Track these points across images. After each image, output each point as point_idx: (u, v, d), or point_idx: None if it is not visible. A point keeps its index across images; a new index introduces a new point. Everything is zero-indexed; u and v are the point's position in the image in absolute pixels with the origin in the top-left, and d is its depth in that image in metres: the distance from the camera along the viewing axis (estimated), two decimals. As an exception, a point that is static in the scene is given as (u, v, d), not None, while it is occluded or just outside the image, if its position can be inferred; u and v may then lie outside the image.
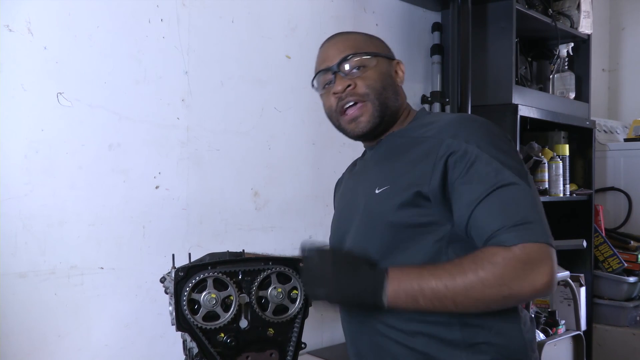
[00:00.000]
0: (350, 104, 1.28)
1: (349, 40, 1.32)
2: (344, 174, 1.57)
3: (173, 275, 1.14)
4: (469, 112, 2.37)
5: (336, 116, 1.31)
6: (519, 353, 1.20)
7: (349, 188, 1.45)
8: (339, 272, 1.12)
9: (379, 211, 1.24)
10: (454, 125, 1.22)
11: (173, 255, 1.35)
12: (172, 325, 1.14)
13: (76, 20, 1.54)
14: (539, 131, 2.83)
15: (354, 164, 1.53)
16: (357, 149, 1.58)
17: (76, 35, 1.54)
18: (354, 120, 1.29)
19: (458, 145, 1.17)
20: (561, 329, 2.49)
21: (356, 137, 1.35)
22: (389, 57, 1.34)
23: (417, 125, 1.32)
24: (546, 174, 2.63)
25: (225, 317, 1.13)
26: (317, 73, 1.33)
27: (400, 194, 1.21)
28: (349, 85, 1.27)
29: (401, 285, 1.10)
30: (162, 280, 1.38)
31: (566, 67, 2.88)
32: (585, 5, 2.81)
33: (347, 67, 1.28)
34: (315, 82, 1.35)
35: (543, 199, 1.23)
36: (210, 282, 1.13)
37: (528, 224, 1.08)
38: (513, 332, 1.20)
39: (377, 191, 1.25)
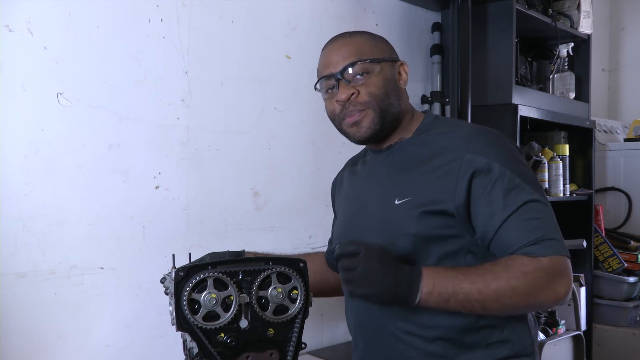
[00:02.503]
0: (354, 113, 1.29)
1: (352, 44, 1.30)
2: (342, 173, 1.56)
3: (173, 275, 1.14)
4: (469, 112, 2.37)
5: (338, 120, 1.33)
6: (528, 348, 1.28)
7: (355, 192, 1.43)
8: (382, 272, 1.12)
9: (399, 222, 1.26)
10: (473, 139, 1.25)
11: (173, 255, 1.35)
12: (172, 325, 1.13)
13: (76, 20, 1.54)
14: (539, 131, 2.83)
15: (354, 162, 1.52)
16: (357, 149, 1.57)
17: (76, 35, 1.54)
18: (355, 124, 1.30)
19: (480, 161, 1.20)
20: (561, 329, 2.49)
21: (358, 142, 1.35)
22: (393, 59, 1.34)
23: (431, 133, 1.32)
24: (546, 174, 2.63)
25: (226, 317, 1.13)
26: (321, 78, 1.33)
27: (422, 207, 1.23)
28: (352, 94, 1.27)
29: (436, 287, 1.13)
30: (162, 280, 1.38)
31: (566, 67, 2.88)
32: (585, 5, 2.81)
33: (350, 74, 1.28)
34: (318, 86, 1.35)
35: (543, 199, 1.28)
36: (210, 282, 1.13)
37: (552, 240, 1.16)
38: (522, 329, 1.28)
39: (397, 202, 1.27)
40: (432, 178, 1.24)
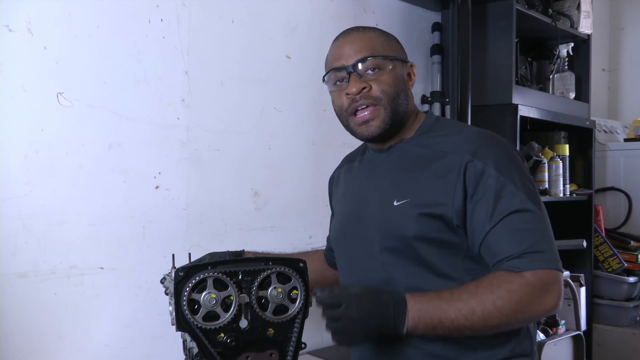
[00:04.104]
0: (363, 107, 1.28)
1: (366, 39, 1.29)
2: (339, 170, 1.55)
3: (173, 275, 1.14)
4: (469, 112, 2.37)
5: (346, 116, 1.31)
6: (527, 349, 1.28)
7: (353, 191, 1.43)
8: (364, 323, 1.14)
9: (398, 223, 1.25)
10: (473, 142, 1.25)
11: (173, 255, 1.35)
12: (172, 325, 1.13)
13: (76, 20, 1.54)
14: (539, 131, 2.83)
15: (351, 160, 1.51)
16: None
17: (76, 35, 1.54)
18: (365, 123, 1.28)
19: (476, 164, 1.20)
20: (561, 329, 2.49)
21: (365, 139, 1.35)
22: (404, 59, 1.33)
23: (432, 134, 1.32)
24: (546, 174, 2.63)
25: (225, 317, 1.13)
26: (330, 70, 1.31)
27: (421, 209, 1.23)
28: (363, 88, 1.26)
29: (421, 319, 1.14)
30: (162, 280, 1.38)
31: (566, 67, 2.88)
32: (585, 5, 2.81)
33: (362, 68, 1.27)
34: (326, 78, 1.34)
35: (543, 199, 1.26)
36: (210, 282, 1.13)
37: (539, 252, 1.15)
38: (522, 330, 1.28)
39: (395, 203, 1.26)
40: (432, 180, 1.24)
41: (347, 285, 1.22)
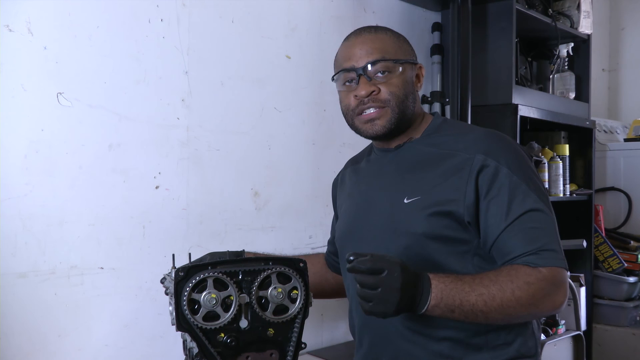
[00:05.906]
0: (371, 110, 1.29)
1: (377, 41, 1.30)
2: (343, 172, 1.56)
3: (173, 275, 1.14)
4: (469, 113, 2.37)
5: (352, 115, 1.32)
6: (532, 350, 1.29)
7: (360, 191, 1.43)
8: (402, 293, 1.07)
9: (408, 221, 1.26)
10: (484, 141, 1.26)
11: (173, 255, 1.35)
12: (172, 325, 1.13)
13: (76, 20, 1.54)
14: (539, 131, 2.84)
15: (356, 161, 1.51)
16: (357, 148, 1.58)
17: (76, 35, 1.54)
18: (370, 121, 1.30)
19: (490, 163, 1.21)
20: (561, 329, 2.49)
21: (369, 137, 1.36)
22: (413, 61, 1.34)
23: (440, 134, 1.33)
24: (546, 174, 2.63)
25: (226, 317, 1.13)
26: (340, 70, 1.32)
27: (432, 206, 1.23)
28: (373, 91, 1.27)
29: (443, 299, 1.12)
30: (162, 280, 1.38)
31: (566, 67, 2.88)
32: (585, 5, 2.81)
33: (372, 70, 1.27)
34: (335, 77, 1.34)
35: (543, 198, 1.28)
36: (210, 282, 1.13)
37: (551, 251, 1.18)
38: (527, 331, 1.29)
39: (406, 201, 1.27)
40: (443, 178, 1.25)
41: (380, 253, 1.12)
